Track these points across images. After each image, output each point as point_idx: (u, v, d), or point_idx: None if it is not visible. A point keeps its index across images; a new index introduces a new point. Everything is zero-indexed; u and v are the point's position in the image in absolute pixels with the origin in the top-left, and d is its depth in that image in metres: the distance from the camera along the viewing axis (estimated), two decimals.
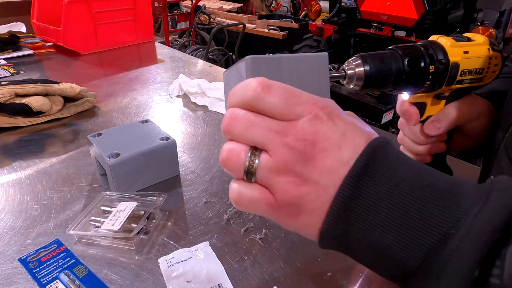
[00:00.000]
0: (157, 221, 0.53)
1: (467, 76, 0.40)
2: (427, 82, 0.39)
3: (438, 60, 0.38)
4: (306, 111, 0.23)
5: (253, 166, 0.24)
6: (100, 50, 1.36)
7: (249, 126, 0.23)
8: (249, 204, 0.25)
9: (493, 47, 0.41)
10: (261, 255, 0.48)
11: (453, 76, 0.40)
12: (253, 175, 0.24)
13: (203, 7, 3.22)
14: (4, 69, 1.11)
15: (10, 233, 0.51)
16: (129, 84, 1.06)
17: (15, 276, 0.44)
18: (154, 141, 0.60)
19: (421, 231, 0.22)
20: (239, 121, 0.24)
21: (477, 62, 0.40)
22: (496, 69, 0.42)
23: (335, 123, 0.24)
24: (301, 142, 0.23)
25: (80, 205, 0.57)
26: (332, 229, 0.24)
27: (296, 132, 0.23)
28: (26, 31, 1.56)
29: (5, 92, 0.74)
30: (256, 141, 0.24)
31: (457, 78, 0.40)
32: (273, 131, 0.23)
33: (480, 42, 0.41)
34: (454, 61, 0.39)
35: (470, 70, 0.40)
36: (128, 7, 1.39)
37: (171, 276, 0.44)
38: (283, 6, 5.41)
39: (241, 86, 0.24)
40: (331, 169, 0.23)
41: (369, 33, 2.50)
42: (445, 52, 0.39)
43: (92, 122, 0.83)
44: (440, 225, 0.21)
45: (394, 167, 0.23)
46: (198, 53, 2.94)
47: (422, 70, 0.38)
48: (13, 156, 0.69)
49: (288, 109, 0.23)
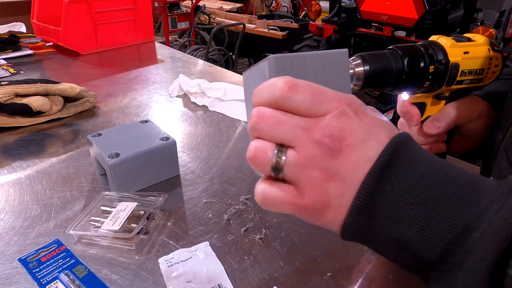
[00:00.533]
0: (157, 221, 0.53)
1: (467, 76, 0.40)
2: (427, 82, 0.39)
3: (438, 60, 0.38)
4: (332, 107, 0.24)
5: (280, 163, 0.24)
6: (100, 50, 1.36)
7: (276, 123, 0.24)
8: (274, 203, 0.25)
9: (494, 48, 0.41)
10: (261, 255, 0.48)
11: (453, 77, 0.39)
12: (281, 171, 0.24)
13: (203, 7, 3.22)
14: (4, 69, 1.11)
15: (10, 233, 0.51)
16: (129, 84, 1.06)
17: (15, 276, 0.44)
18: (154, 141, 0.61)
19: (442, 225, 0.22)
20: (266, 119, 0.24)
21: (477, 62, 0.40)
22: (497, 69, 0.41)
23: (361, 119, 0.24)
24: (328, 137, 0.23)
25: (80, 205, 0.57)
26: (355, 224, 0.24)
27: (323, 128, 0.23)
28: (26, 31, 1.56)
29: (5, 92, 0.74)
30: (283, 138, 0.24)
31: (457, 79, 0.40)
32: (300, 128, 0.23)
33: (480, 43, 0.41)
34: (454, 62, 0.39)
35: (470, 70, 0.40)
36: (128, 7, 1.39)
37: (171, 276, 0.44)
38: (283, 6, 5.41)
39: (267, 85, 0.24)
40: (357, 164, 0.23)
41: (369, 33, 2.50)
42: (445, 52, 0.39)
43: (92, 122, 0.83)
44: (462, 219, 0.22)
45: (416, 163, 0.23)
46: (198, 53, 2.94)
47: (421, 70, 0.38)
48: (13, 156, 0.69)
49: (316, 107, 0.24)
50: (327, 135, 0.23)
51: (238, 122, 0.85)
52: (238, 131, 0.81)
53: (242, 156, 0.70)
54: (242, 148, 0.74)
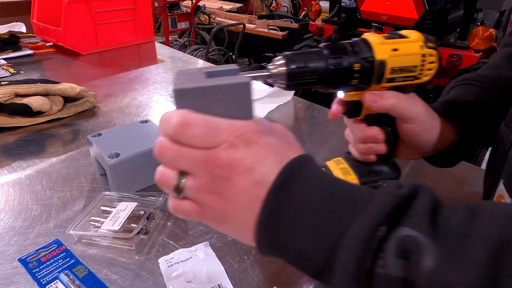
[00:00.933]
0: (157, 221, 0.53)
1: (399, 74, 0.39)
2: (355, 80, 0.39)
3: (364, 58, 0.38)
4: (223, 140, 0.27)
5: (180, 187, 0.28)
6: (100, 50, 1.36)
7: (175, 157, 0.28)
8: (182, 213, 0.30)
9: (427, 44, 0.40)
10: (261, 255, 0.48)
11: (381, 74, 0.39)
12: (182, 193, 0.29)
13: (203, 7, 3.22)
14: (4, 69, 1.11)
15: (10, 233, 0.51)
16: (129, 84, 1.06)
17: (15, 276, 0.44)
18: (154, 141, 0.60)
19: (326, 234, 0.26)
20: (166, 152, 0.28)
21: (407, 59, 0.39)
22: (432, 66, 0.40)
23: (250, 149, 0.28)
24: (219, 168, 0.27)
25: (80, 205, 0.57)
26: (263, 239, 0.28)
27: (214, 159, 0.27)
28: (26, 31, 1.56)
29: (5, 92, 0.74)
30: (182, 168, 0.28)
31: (386, 76, 0.39)
32: (195, 160, 0.28)
33: (412, 39, 0.40)
34: (380, 59, 0.38)
35: (401, 68, 0.39)
36: (128, 7, 1.39)
37: (171, 276, 0.44)
38: (283, 6, 5.41)
39: (164, 119, 0.28)
40: (246, 188, 0.27)
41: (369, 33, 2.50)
42: (371, 49, 0.39)
43: (92, 122, 0.83)
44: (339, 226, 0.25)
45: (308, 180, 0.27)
46: (198, 53, 2.94)
47: (346, 69, 0.38)
48: (13, 156, 0.69)
49: (208, 141, 0.27)
50: (217, 166, 0.27)
51: None
52: None
53: None
54: None
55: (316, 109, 0.94)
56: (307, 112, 0.93)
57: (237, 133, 0.28)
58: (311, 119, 0.89)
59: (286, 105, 0.95)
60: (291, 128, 0.85)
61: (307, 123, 0.88)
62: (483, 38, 1.89)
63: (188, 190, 0.28)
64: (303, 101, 0.98)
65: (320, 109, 0.94)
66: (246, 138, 0.28)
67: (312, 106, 0.96)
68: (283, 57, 0.37)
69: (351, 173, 0.47)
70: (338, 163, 0.50)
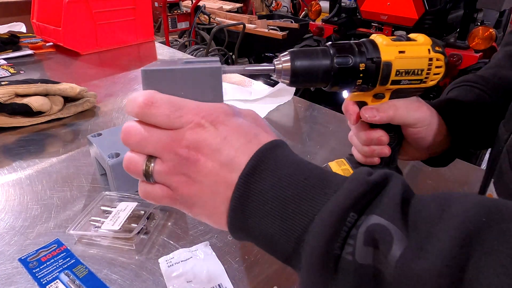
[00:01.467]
0: (157, 221, 0.53)
1: (404, 76, 0.39)
2: (359, 80, 0.39)
3: (369, 58, 0.38)
4: (189, 120, 0.27)
5: (149, 171, 0.28)
6: (100, 50, 1.36)
7: (141, 139, 0.28)
8: (154, 199, 0.30)
9: (435, 48, 0.40)
10: (261, 255, 0.48)
11: (386, 76, 0.38)
12: (151, 178, 0.29)
13: (203, 7, 3.22)
14: (4, 69, 1.11)
15: (10, 233, 0.51)
16: (129, 84, 1.06)
17: (15, 276, 0.44)
18: None
19: (295, 219, 0.25)
20: (132, 135, 0.28)
21: (414, 62, 0.39)
22: (439, 71, 0.40)
23: (217, 129, 0.27)
24: (185, 149, 0.27)
25: (80, 205, 0.57)
26: (234, 223, 0.27)
27: (180, 140, 0.27)
28: (26, 31, 1.56)
29: (5, 92, 0.74)
30: (149, 152, 0.28)
31: (391, 78, 0.39)
32: (161, 142, 0.27)
33: (420, 43, 0.40)
34: (386, 60, 0.38)
35: (407, 70, 0.39)
36: (128, 7, 1.39)
37: (171, 276, 0.44)
38: (283, 6, 5.41)
39: (131, 99, 0.27)
40: (213, 170, 0.27)
41: (369, 33, 2.50)
42: (378, 50, 0.38)
43: (92, 122, 0.83)
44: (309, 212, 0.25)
45: (279, 165, 0.27)
46: (198, 53, 2.94)
47: (351, 68, 0.38)
48: (13, 156, 0.69)
49: (172, 121, 0.27)
50: (183, 147, 0.27)
51: None
52: None
53: None
54: None
55: (316, 109, 0.94)
56: (307, 112, 0.93)
57: (203, 113, 0.27)
58: (311, 119, 0.89)
59: (286, 105, 0.95)
60: (291, 128, 0.85)
61: (307, 123, 0.88)
62: (483, 38, 1.89)
63: (157, 174, 0.28)
64: (303, 101, 0.98)
65: (320, 109, 0.94)
66: (214, 119, 0.27)
67: (312, 106, 0.96)
68: (288, 53, 0.37)
69: None
70: (340, 164, 0.49)
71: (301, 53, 0.37)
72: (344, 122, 0.88)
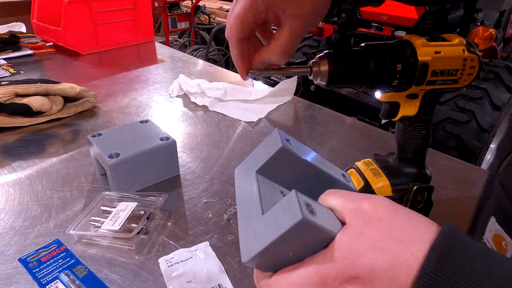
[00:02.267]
0: (157, 221, 0.53)
1: (439, 77, 0.39)
2: (395, 81, 0.38)
3: (407, 59, 0.38)
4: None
5: None
6: (100, 50, 1.36)
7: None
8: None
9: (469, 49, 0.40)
10: None
11: (423, 76, 0.39)
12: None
13: (203, 7, 3.22)
14: (4, 69, 1.11)
15: (10, 233, 0.51)
16: (129, 84, 1.06)
17: (15, 276, 0.44)
18: (154, 141, 0.60)
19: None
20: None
21: (449, 63, 0.39)
22: (473, 71, 0.40)
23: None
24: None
25: (80, 205, 0.57)
26: None
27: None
28: (26, 31, 1.56)
29: (5, 92, 0.74)
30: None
31: (427, 78, 0.39)
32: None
33: (454, 43, 0.40)
34: (423, 61, 0.38)
35: (443, 70, 0.39)
36: (128, 7, 1.39)
37: (171, 276, 0.44)
38: None
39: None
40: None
41: (369, 33, 2.50)
42: (414, 51, 0.38)
43: (92, 122, 0.83)
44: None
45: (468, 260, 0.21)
46: (198, 53, 2.94)
47: (388, 69, 0.38)
48: (13, 156, 0.69)
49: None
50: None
51: (238, 122, 0.85)
52: (238, 131, 0.81)
53: (242, 156, 0.70)
54: (242, 148, 0.74)
55: (316, 109, 0.94)
56: (307, 112, 0.93)
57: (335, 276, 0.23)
58: (311, 119, 0.89)
59: (286, 105, 0.95)
60: (291, 128, 0.85)
61: (307, 123, 0.88)
62: (483, 38, 1.89)
63: None
64: (303, 101, 0.98)
65: (320, 109, 0.94)
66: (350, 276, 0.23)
67: (312, 106, 0.96)
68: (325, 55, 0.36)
69: (381, 174, 0.47)
70: (368, 164, 0.49)
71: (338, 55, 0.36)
72: (344, 122, 0.88)
